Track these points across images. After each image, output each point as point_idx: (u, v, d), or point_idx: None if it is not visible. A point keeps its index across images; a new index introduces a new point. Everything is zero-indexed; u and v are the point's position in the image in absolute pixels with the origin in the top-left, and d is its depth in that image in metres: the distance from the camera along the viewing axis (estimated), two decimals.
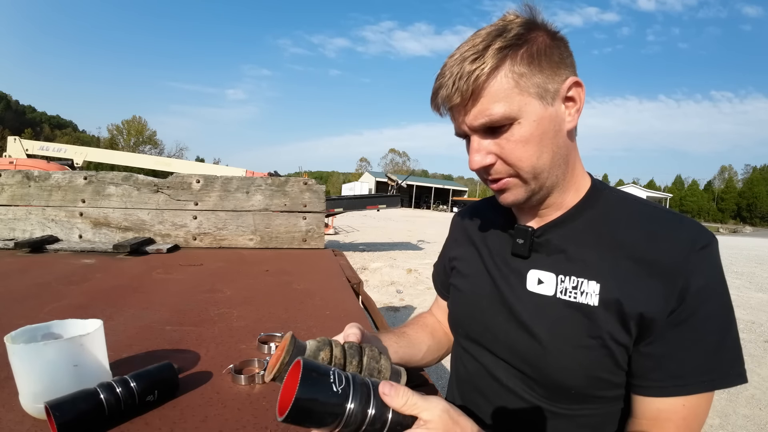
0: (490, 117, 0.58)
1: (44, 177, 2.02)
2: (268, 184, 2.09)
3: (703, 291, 0.57)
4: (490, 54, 0.56)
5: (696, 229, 0.60)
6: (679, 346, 0.58)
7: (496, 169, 0.62)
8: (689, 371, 0.57)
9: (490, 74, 0.57)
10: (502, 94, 0.57)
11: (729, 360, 0.58)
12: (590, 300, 0.60)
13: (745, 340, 4.65)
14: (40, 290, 1.23)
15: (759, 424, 2.87)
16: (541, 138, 0.59)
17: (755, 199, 64.32)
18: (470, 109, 0.59)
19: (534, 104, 0.58)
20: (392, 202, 10.21)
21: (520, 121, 0.58)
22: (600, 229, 0.64)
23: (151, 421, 0.60)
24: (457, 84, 0.57)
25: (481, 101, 0.58)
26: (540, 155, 0.60)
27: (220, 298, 1.22)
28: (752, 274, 9.51)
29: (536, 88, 0.58)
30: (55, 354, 0.58)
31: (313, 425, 0.42)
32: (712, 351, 0.57)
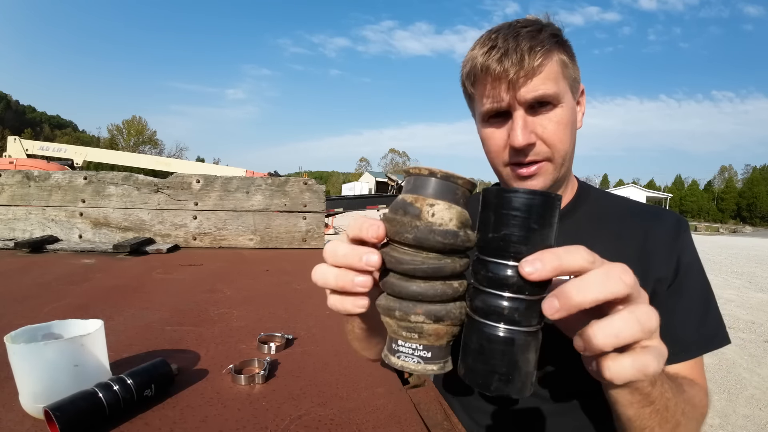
0: (545, 92, 0.59)
1: (44, 177, 2.02)
2: (268, 184, 2.09)
3: (690, 265, 0.65)
4: (546, 37, 0.59)
5: (676, 216, 0.70)
6: (676, 314, 0.63)
7: (537, 150, 0.62)
8: (689, 336, 0.63)
9: (547, 54, 0.59)
10: (553, 76, 0.60)
11: (715, 323, 0.65)
12: None
13: (745, 340, 4.65)
14: (40, 290, 1.23)
15: (759, 424, 2.87)
16: (572, 126, 0.63)
17: (755, 199, 64.35)
18: (526, 83, 0.59)
19: (569, 94, 0.62)
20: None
21: (562, 105, 0.61)
22: (597, 222, 0.69)
23: (151, 421, 0.60)
24: (518, 56, 0.58)
25: (537, 77, 0.59)
26: (571, 142, 0.63)
27: (220, 298, 1.22)
28: (752, 274, 9.51)
29: (572, 80, 0.62)
30: (55, 354, 0.58)
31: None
32: (702, 316, 0.64)
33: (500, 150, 0.64)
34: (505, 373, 0.32)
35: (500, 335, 0.32)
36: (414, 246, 0.33)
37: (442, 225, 0.33)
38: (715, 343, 0.64)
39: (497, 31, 0.61)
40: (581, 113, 0.67)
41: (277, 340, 0.89)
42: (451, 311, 0.34)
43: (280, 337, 0.90)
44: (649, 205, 0.72)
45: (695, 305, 0.64)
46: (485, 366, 0.33)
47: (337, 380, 0.75)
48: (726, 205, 68.24)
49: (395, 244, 0.35)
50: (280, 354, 0.84)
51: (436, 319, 0.34)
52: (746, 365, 3.86)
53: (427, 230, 0.32)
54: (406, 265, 0.33)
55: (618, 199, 0.73)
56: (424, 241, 0.33)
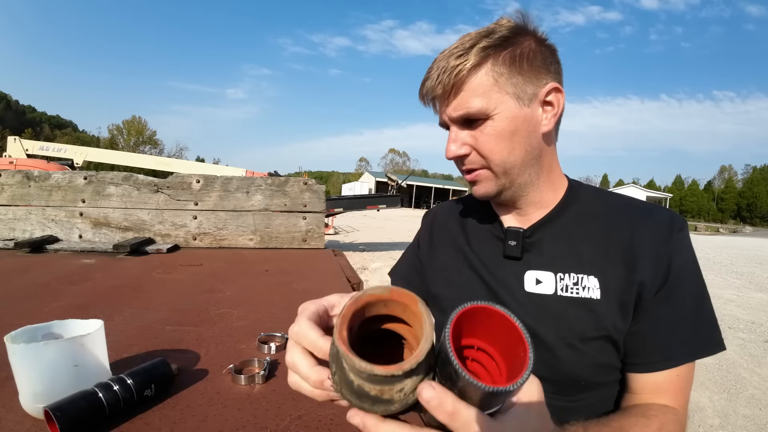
0: (468, 110, 0.63)
1: (44, 177, 2.02)
2: (268, 184, 2.09)
3: (683, 269, 0.62)
4: (474, 52, 0.62)
5: (670, 214, 0.67)
6: (663, 321, 0.62)
7: (470, 159, 0.66)
8: (675, 344, 0.62)
9: (471, 70, 0.62)
10: (481, 90, 0.62)
11: (707, 330, 0.63)
12: (593, 294, 0.63)
13: (745, 340, 4.65)
14: (40, 290, 1.23)
15: (759, 424, 2.87)
16: (513, 135, 0.64)
17: (755, 199, 64.37)
18: (451, 101, 0.64)
19: (510, 103, 0.63)
20: (392, 202, 10.21)
21: (494, 117, 0.63)
22: (586, 223, 0.68)
23: (151, 421, 0.60)
24: (441, 77, 0.63)
25: (461, 95, 0.63)
26: (511, 151, 0.64)
27: (220, 298, 1.22)
28: (752, 274, 9.52)
29: (514, 88, 0.62)
30: (55, 354, 0.58)
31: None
32: (693, 324, 0.62)
33: (448, 159, 0.70)
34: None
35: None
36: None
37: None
38: (704, 351, 0.63)
39: (442, 52, 0.66)
40: (551, 114, 0.65)
41: (277, 340, 0.89)
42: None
43: (280, 337, 0.90)
44: (643, 202, 0.70)
45: (685, 313, 0.62)
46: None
47: None
48: (726, 205, 68.25)
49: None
50: (280, 354, 0.84)
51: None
52: (746, 365, 3.86)
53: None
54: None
55: (610, 198, 0.71)
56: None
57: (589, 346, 0.63)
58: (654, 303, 0.62)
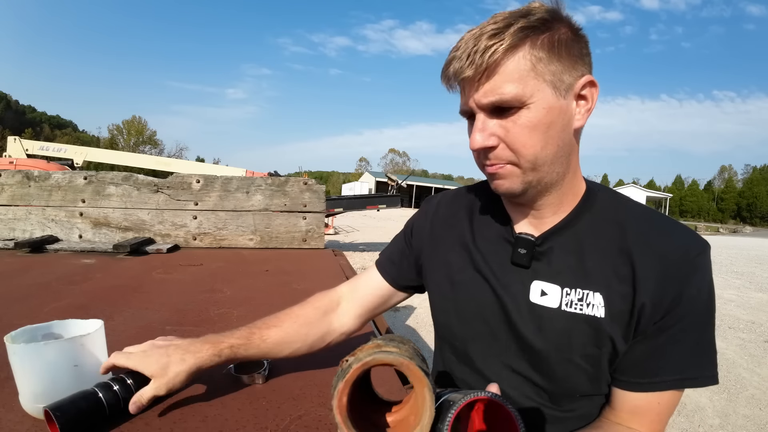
0: (501, 96, 0.55)
1: (44, 177, 2.02)
2: (268, 184, 2.09)
3: (692, 300, 0.58)
4: (511, 32, 0.54)
5: (690, 237, 0.61)
6: (660, 348, 0.59)
7: (497, 153, 0.59)
8: (666, 371, 0.59)
9: (507, 52, 0.54)
10: (517, 75, 0.55)
11: (703, 362, 0.60)
12: (597, 312, 0.60)
13: (745, 340, 4.65)
14: (40, 290, 1.23)
15: (759, 424, 2.87)
16: (548, 128, 0.57)
17: (755, 199, 64.36)
18: (481, 85, 0.56)
19: (547, 92, 0.56)
20: (392, 202, 10.20)
21: (530, 106, 0.56)
22: (599, 234, 0.63)
23: (151, 421, 0.60)
24: (472, 57, 0.55)
25: (495, 78, 0.55)
26: (544, 145, 0.57)
27: (220, 298, 1.22)
28: (752, 274, 9.52)
29: (552, 75, 0.56)
30: (55, 354, 0.58)
31: None
32: (689, 354, 0.59)
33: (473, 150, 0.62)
34: None
35: None
36: None
37: None
38: (692, 382, 0.60)
39: (470, 30, 0.58)
40: (585, 110, 0.60)
41: None
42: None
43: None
44: (664, 218, 0.64)
45: (682, 343, 0.59)
46: None
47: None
48: (726, 205, 68.24)
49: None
50: None
51: None
52: (746, 365, 3.86)
53: None
54: None
55: (628, 207, 0.65)
56: None
57: (588, 362, 0.61)
58: (654, 329, 0.59)
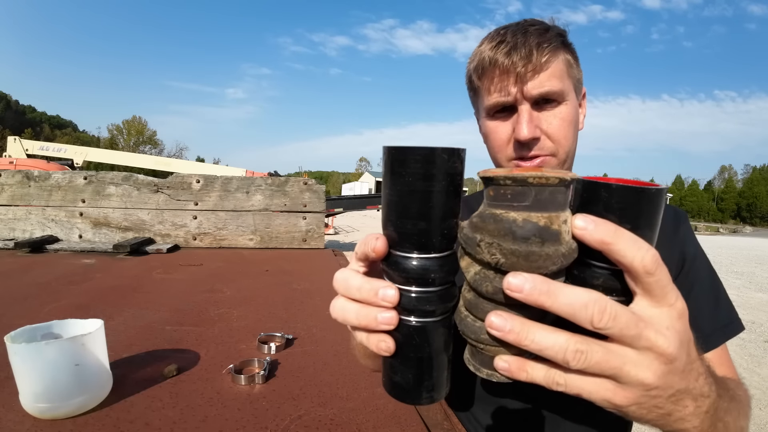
0: (551, 88, 0.60)
1: (44, 177, 2.02)
2: (268, 184, 2.09)
3: (695, 256, 0.65)
4: (553, 36, 0.61)
5: (673, 208, 0.69)
6: (689, 307, 0.61)
7: (541, 144, 0.63)
8: (705, 328, 0.62)
9: (555, 52, 0.61)
10: (559, 73, 0.61)
11: (729, 310, 0.65)
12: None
13: (745, 340, 4.65)
14: (40, 290, 1.23)
15: (759, 424, 2.87)
16: (575, 125, 0.64)
17: (755, 199, 64.36)
18: (531, 78, 0.60)
19: (573, 93, 0.63)
20: None
21: (567, 103, 0.62)
22: None
23: (151, 421, 0.60)
24: (526, 51, 0.59)
25: (544, 74, 0.60)
26: (574, 140, 0.64)
27: (220, 298, 1.22)
28: (752, 274, 9.52)
29: (576, 81, 0.64)
30: (55, 354, 0.58)
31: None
32: (714, 306, 0.64)
33: (504, 144, 0.64)
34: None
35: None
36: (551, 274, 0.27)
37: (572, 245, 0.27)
38: (732, 330, 0.64)
39: (506, 28, 0.62)
40: (582, 115, 0.69)
41: (277, 340, 0.89)
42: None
43: (280, 337, 0.90)
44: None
45: (707, 295, 0.64)
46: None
47: (337, 380, 0.75)
48: (726, 205, 68.23)
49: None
50: (280, 354, 0.84)
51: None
52: (746, 365, 3.86)
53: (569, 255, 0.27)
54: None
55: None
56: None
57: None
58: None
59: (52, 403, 0.58)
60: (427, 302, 0.30)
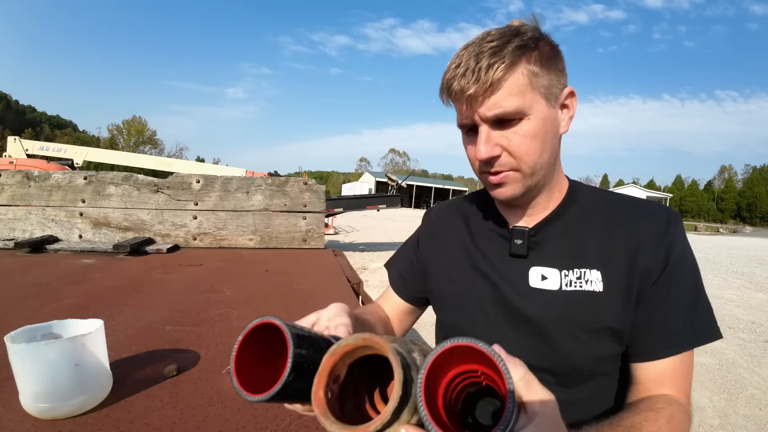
0: (505, 109, 0.61)
1: (44, 177, 2.02)
2: (268, 184, 2.09)
3: (680, 258, 0.65)
4: (510, 51, 0.61)
5: (667, 209, 0.70)
6: (663, 309, 0.64)
7: (501, 161, 0.65)
8: (675, 332, 0.63)
9: (508, 69, 0.60)
10: (516, 90, 0.61)
11: (705, 318, 0.65)
12: (595, 287, 0.66)
13: (745, 340, 4.65)
14: (40, 290, 1.23)
15: (759, 424, 2.87)
16: (545, 136, 0.64)
17: (755, 199, 64.38)
18: (485, 100, 0.61)
19: (542, 103, 0.63)
20: (392, 202, 10.21)
21: (529, 117, 0.62)
22: (588, 219, 0.70)
23: (152, 421, 0.60)
24: (476, 74, 0.60)
25: (498, 93, 0.61)
26: (542, 152, 0.64)
27: (220, 298, 1.22)
28: (752, 274, 9.52)
29: (544, 89, 0.63)
30: (55, 354, 0.58)
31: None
32: (691, 311, 0.64)
33: (473, 160, 0.68)
34: None
35: None
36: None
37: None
38: (703, 338, 0.64)
39: (466, 47, 0.64)
40: (568, 117, 0.68)
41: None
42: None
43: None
44: (639, 199, 0.73)
45: (683, 299, 0.64)
46: None
47: None
48: (726, 205, 68.26)
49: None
50: None
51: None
52: (746, 365, 3.86)
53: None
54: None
55: (608, 195, 0.75)
56: None
57: (592, 337, 0.65)
58: (655, 290, 0.64)
59: (52, 403, 0.58)
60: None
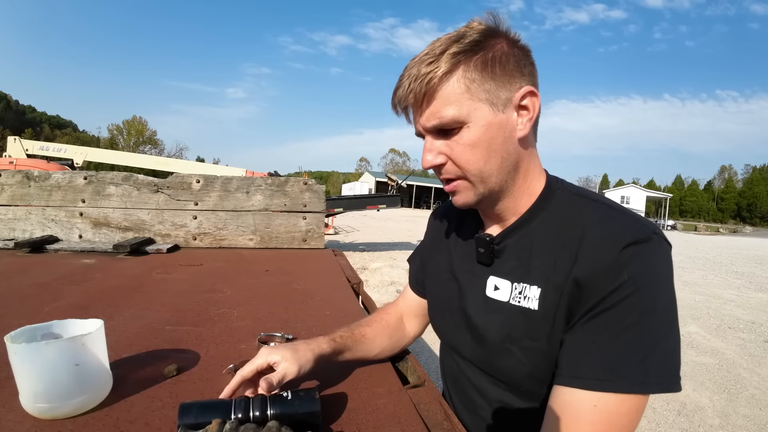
0: (441, 119, 0.60)
1: (44, 177, 2.02)
2: (268, 184, 2.09)
3: (627, 290, 0.54)
4: (445, 59, 0.59)
5: (633, 226, 0.57)
6: (583, 338, 0.57)
7: (447, 169, 0.65)
8: (586, 365, 0.55)
9: (442, 78, 0.59)
10: (453, 98, 0.60)
11: (635, 364, 0.53)
12: (531, 304, 0.63)
13: (745, 340, 4.65)
14: (40, 290, 1.23)
15: (759, 424, 2.87)
16: (489, 143, 0.61)
17: (755, 199, 64.35)
18: (424, 110, 0.62)
19: (484, 110, 0.60)
20: (392, 202, 10.21)
21: (468, 125, 0.61)
22: (549, 231, 0.64)
23: (152, 421, 0.60)
24: (412, 85, 0.60)
25: (434, 103, 0.60)
26: (487, 160, 0.62)
27: (220, 298, 1.22)
28: (752, 274, 9.52)
29: (487, 94, 0.60)
30: (55, 354, 0.58)
31: None
32: (615, 351, 0.54)
33: (425, 168, 0.68)
34: None
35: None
36: None
37: None
38: (620, 386, 0.53)
39: (413, 58, 0.63)
40: (527, 119, 0.62)
41: (277, 340, 0.89)
42: None
43: (280, 337, 0.90)
44: (612, 210, 0.62)
45: (608, 334, 0.55)
46: None
47: (337, 380, 0.75)
48: (726, 205, 68.23)
49: None
50: None
51: None
52: (746, 365, 3.86)
53: None
54: None
55: (584, 204, 0.64)
56: None
57: (525, 355, 0.63)
58: (584, 319, 0.57)
59: (52, 403, 0.58)
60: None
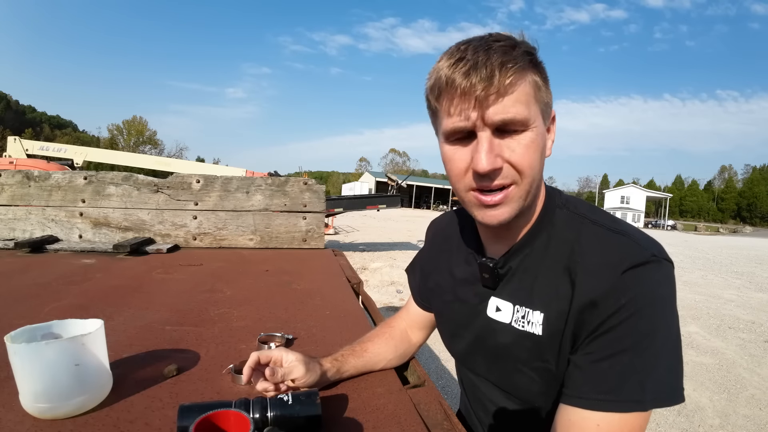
0: (514, 116, 0.54)
1: (44, 177, 2.02)
2: (268, 184, 2.09)
3: (626, 314, 0.53)
4: (520, 54, 0.54)
5: (629, 249, 0.56)
6: (585, 360, 0.57)
7: (504, 173, 0.57)
8: (587, 385, 0.55)
9: (521, 73, 0.54)
10: (525, 98, 0.54)
11: (633, 385, 0.52)
12: (535, 329, 0.62)
13: (745, 340, 4.65)
14: (40, 290, 1.23)
15: (759, 424, 2.87)
16: (542, 152, 0.59)
17: (755, 199, 64.38)
18: (493, 103, 0.53)
19: (540, 119, 0.58)
20: (392, 202, 10.21)
21: (532, 128, 0.56)
22: (549, 254, 0.63)
23: (152, 421, 0.60)
24: (488, 71, 0.52)
25: (508, 98, 0.53)
26: (540, 168, 0.59)
27: (220, 298, 1.22)
28: (752, 274, 9.53)
29: (543, 104, 0.58)
30: (55, 354, 0.58)
31: None
32: (615, 372, 0.53)
33: (462, 173, 0.59)
34: None
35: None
36: None
37: None
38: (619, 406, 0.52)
39: (467, 43, 0.55)
40: (551, 141, 0.62)
41: (277, 340, 0.89)
42: None
43: (280, 337, 0.90)
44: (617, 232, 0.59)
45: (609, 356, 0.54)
46: None
47: (337, 380, 0.75)
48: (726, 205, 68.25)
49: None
50: None
51: None
52: (746, 365, 3.86)
53: None
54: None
55: (584, 225, 0.62)
56: None
57: (537, 374, 0.64)
58: (587, 342, 0.57)
59: (52, 403, 0.58)
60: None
